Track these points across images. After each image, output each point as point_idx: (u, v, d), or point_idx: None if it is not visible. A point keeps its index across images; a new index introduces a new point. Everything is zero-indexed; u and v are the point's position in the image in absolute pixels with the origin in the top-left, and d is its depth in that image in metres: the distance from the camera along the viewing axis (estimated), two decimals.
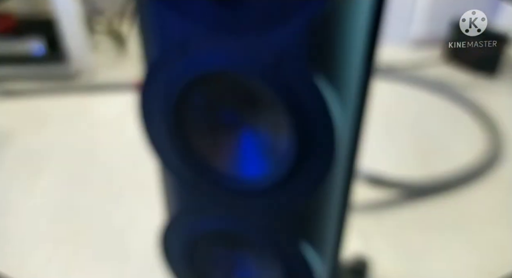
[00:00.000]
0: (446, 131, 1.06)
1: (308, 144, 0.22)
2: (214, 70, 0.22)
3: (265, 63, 0.21)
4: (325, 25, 0.20)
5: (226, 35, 0.21)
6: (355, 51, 0.22)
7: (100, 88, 1.25)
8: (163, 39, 0.23)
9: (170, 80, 0.23)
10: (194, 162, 0.25)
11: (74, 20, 1.20)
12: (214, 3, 0.20)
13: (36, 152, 0.96)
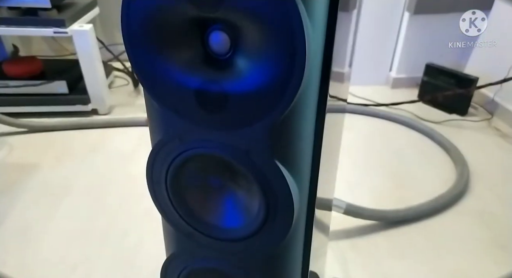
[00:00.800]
0: (419, 165, 1.12)
1: (273, 207, 0.28)
2: (203, 153, 0.28)
3: (238, 150, 0.27)
4: (282, 126, 0.26)
5: (211, 130, 0.27)
6: (306, 143, 0.28)
7: (116, 124, 1.32)
8: (166, 127, 0.29)
9: (170, 158, 0.29)
10: (189, 216, 0.31)
11: (94, 62, 1.28)
12: (203, 109, 0.27)
13: (57, 182, 1.02)
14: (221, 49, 0.26)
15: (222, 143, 0.27)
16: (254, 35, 0.23)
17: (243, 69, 0.25)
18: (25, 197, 0.95)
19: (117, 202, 0.95)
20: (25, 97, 1.30)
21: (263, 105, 0.25)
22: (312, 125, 0.28)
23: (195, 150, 0.28)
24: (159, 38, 0.24)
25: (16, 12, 1.17)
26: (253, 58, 0.24)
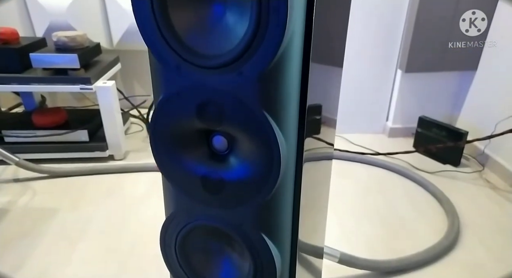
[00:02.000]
0: (413, 215, 1.16)
1: (260, 268, 0.35)
2: (205, 225, 0.36)
3: (233, 224, 0.35)
4: (267, 207, 0.34)
5: (212, 207, 0.35)
6: (287, 218, 0.36)
7: (130, 169, 1.41)
8: (177, 203, 0.37)
9: (179, 227, 0.37)
10: (192, 273, 0.38)
11: (114, 114, 1.40)
12: (207, 191, 0.35)
13: (73, 226, 1.09)
14: (221, 148, 0.34)
15: (221, 218, 0.35)
16: (244, 141, 0.32)
17: (236, 164, 0.33)
18: (44, 240, 1.02)
19: (129, 246, 1.01)
20: (49, 145, 1.41)
21: (251, 191, 0.33)
22: (291, 207, 0.35)
23: (199, 221, 0.36)
24: (176, 142, 0.33)
25: (49, 72, 1.32)
26: (243, 156, 0.33)
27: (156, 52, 0.30)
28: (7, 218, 1.11)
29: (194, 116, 0.32)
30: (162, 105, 0.32)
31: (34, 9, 1.65)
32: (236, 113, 0.30)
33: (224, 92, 0.30)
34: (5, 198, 1.21)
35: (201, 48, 0.30)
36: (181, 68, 0.31)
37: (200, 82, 0.30)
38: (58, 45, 1.34)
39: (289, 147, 0.32)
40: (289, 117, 0.32)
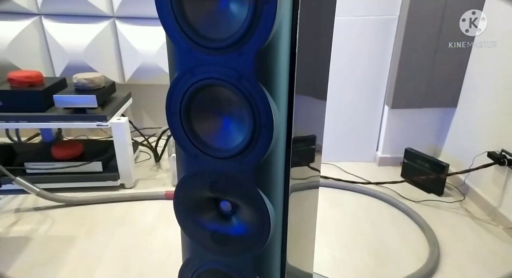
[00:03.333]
0: (398, 242, 1.25)
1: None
2: (214, 268, 0.46)
3: (235, 269, 0.45)
4: (262, 256, 0.45)
5: (220, 256, 0.46)
6: (277, 258, 0.46)
7: (139, 197, 1.51)
8: (192, 249, 0.48)
9: (192, 271, 0.47)
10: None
11: (126, 146, 1.51)
12: (215, 243, 0.45)
13: (90, 253, 1.18)
14: (227, 209, 0.45)
15: (226, 264, 0.46)
16: (243, 207, 0.43)
17: (238, 223, 0.44)
18: (64, 268, 1.11)
19: (140, 271, 1.10)
20: (66, 176, 1.52)
21: (249, 244, 0.44)
22: (279, 253, 0.46)
23: (209, 266, 0.46)
24: (194, 206, 0.44)
25: (69, 111, 1.44)
26: (243, 218, 0.44)
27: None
28: (30, 245, 1.21)
29: (207, 190, 0.43)
30: (183, 182, 0.44)
31: (54, 50, 1.80)
32: (237, 190, 0.41)
33: (229, 175, 0.41)
34: (27, 227, 1.30)
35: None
36: (198, 156, 0.42)
37: (212, 166, 0.41)
38: (77, 86, 1.47)
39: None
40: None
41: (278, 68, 0.37)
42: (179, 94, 0.39)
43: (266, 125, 0.38)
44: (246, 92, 0.37)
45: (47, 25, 1.76)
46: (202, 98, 0.40)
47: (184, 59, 0.39)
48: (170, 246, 1.22)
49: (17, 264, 1.12)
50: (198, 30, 0.37)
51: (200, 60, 0.38)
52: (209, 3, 0.36)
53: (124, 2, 1.72)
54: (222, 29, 0.36)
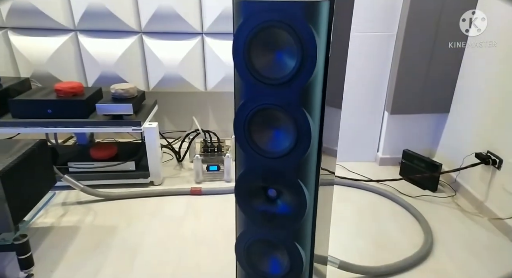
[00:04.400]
0: (397, 232, 1.41)
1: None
2: (263, 239, 0.62)
3: (279, 239, 0.61)
4: (301, 228, 0.61)
5: (268, 229, 0.62)
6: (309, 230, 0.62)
7: (168, 193, 1.67)
8: (246, 225, 0.64)
9: (245, 241, 0.63)
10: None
11: (156, 148, 1.68)
12: (264, 220, 0.61)
13: (131, 241, 1.34)
14: (273, 195, 0.61)
15: (272, 235, 0.61)
16: (286, 193, 0.59)
17: (281, 204, 0.60)
18: (111, 252, 1.27)
19: (176, 257, 1.26)
20: (103, 174, 1.68)
21: (290, 220, 0.60)
22: (310, 228, 0.62)
23: (259, 236, 0.62)
24: (249, 192, 0.60)
25: (107, 117, 1.60)
26: (285, 200, 0.60)
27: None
28: (80, 233, 1.37)
29: (260, 180, 0.59)
30: (242, 176, 0.60)
31: (88, 62, 1.97)
32: (283, 181, 0.57)
33: (277, 170, 0.57)
34: (74, 218, 1.47)
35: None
36: (254, 156, 0.58)
37: (264, 164, 0.58)
38: (115, 96, 1.64)
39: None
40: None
41: (314, 96, 0.53)
42: (244, 114, 0.56)
43: (305, 135, 0.54)
44: (292, 113, 0.54)
45: (82, 40, 1.93)
46: (260, 117, 0.56)
47: (249, 90, 0.55)
48: (200, 235, 1.38)
49: (71, 249, 1.28)
50: (260, 72, 0.53)
51: (260, 91, 0.54)
52: (270, 55, 0.53)
53: (151, 19, 1.89)
54: (278, 72, 0.52)
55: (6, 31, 1.89)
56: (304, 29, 0.47)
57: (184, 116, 2.24)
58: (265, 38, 0.50)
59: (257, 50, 0.52)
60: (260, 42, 0.51)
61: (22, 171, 1.09)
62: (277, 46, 0.51)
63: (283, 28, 0.48)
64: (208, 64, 2.04)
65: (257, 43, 0.51)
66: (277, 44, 0.51)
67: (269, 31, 0.50)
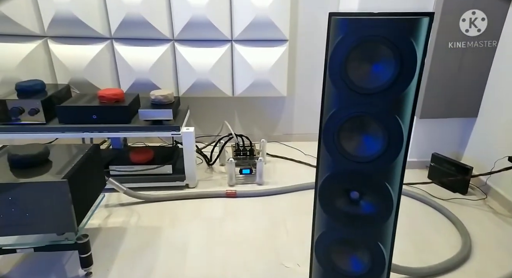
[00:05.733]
0: (433, 234, 1.42)
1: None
2: (346, 239, 0.65)
3: (361, 239, 0.64)
4: (381, 230, 0.64)
5: (352, 228, 0.65)
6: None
7: (204, 195, 1.70)
8: (327, 225, 0.67)
9: (327, 241, 0.66)
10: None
11: (192, 152, 1.71)
12: (347, 219, 0.64)
13: (177, 240, 1.37)
14: (355, 197, 0.64)
15: (354, 234, 0.64)
16: (370, 195, 0.62)
17: (365, 205, 0.63)
18: (160, 252, 1.31)
19: (223, 256, 1.29)
20: (142, 177, 1.72)
21: (374, 220, 0.63)
22: (392, 228, 0.65)
23: (340, 236, 0.65)
24: (333, 195, 0.64)
25: (148, 122, 1.65)
26: (369, 201, 0.63)
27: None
28: (127, 233, 1.41)
29: (346, 183, 0.62)
30: (328, 178, 0.63)
31: (123, 69, 2.02)
32: (370, 183, 0.60)
33: (364, 173, 0.60)
34: (119, 219, 1.51)
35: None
36: (341, 160, 0.61)
37: (350, 167, 0.61)
38: (155, 102, 1.68)
39: None
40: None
41: (407, 104, 0.57)
42: (335, 121, 0.59)
43: (398, 141, 0.57)
44: (384, 121, 0.57)
45: (118, 48, 1.98)
46: (350, 124, 0.59)
47: (342, 100, 0.58)
48: (241, 235, 1.41)
49: (122, 248, 1.32)
50: (355, 82, 0.57)
51: (352, 100, 0.58)
52: (366, 68, 0.56)
53: (184, 28, 1.94)
54: (373, 82, 0.56)
55: (46, 40, 1.95)
56: (405, 44, 0.51)
57: (210, 121, 2.28)
58: (362, 52, 0.54)
59: (353, 63, 0.55)
60: (357, 56, 0.54)
61: (82, 174, 1.14)
62: (373, 59, 0.54)
63: (383, 42, 0.52)
64: (236, 70, 2.08)
65: (354, 57, 0.55)
66: (374, 57, 0.54)
67: (367, 46, 0.53)
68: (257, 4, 1.90)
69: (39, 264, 1.21)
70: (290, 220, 1.51)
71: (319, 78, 2.25)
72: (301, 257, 1.29)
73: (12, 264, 1.21)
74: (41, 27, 1.91)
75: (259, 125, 2.33)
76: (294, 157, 2.10)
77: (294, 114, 2.33)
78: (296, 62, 2.19)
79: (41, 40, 1.93)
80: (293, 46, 2.14)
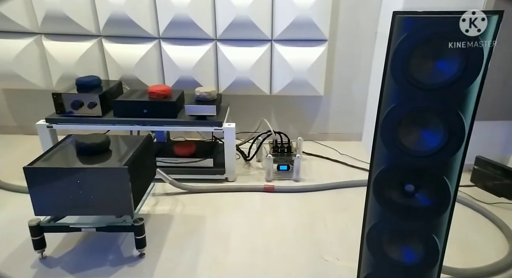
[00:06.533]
0: (478, 237, 1.38)
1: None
2: (397, 230, 0.67)
3: (414, 231, 0.66)
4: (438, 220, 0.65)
5: (401, 220, 0.66)
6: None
7: (244, 189, 1.75)
8: (379, 216, 0.69)
9: (381, 232, 0.69)
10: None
11: (232, 146, 1.77)
12: (403, 212, 0.66)
13: (220, 229, 1.43)
14: (409, 190, 0.66)
15: (407, 226, 0.66)
16: (426, 188, 0.63)
17: (420, 198, 0.65)
18: (206, 238, 1.38)
19: (264, 246, 1.33)
20: (185, 169, 1.81)
21: (430, 213, 0.64)
22: (446, 222, 0.66)
23: (394, 228, 0.67)
24: (387, 187, 0.66)
25: (192, 117, 1.72)
26: (424, 194, 0.64)
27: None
28: (174, 220, 1.49)
29: (401, 176, 0.64)
30: (383, 171, 0.66)
31: (169, 67, 2.11)
32: (426, 177, 0.61)
33: (420, 166, 0.62)
34: (166, 207, 1.59)
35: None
36: (396, 151, 0.63)
37: (406, 161, 0.63)
38: (199, 98, 1.76)
39: None
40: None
41: (470, 100, 0.58)
42: (395, 116, 0.61)
43: (459, 136, 0.59)
44: (446, 116, 0.59)
45: (165, 47, 2.08)
46: (409, 118, 0.61)
47: (402, 95, 0.61)
48: (281, 228, 1.45)
49: (170, 233, 1.40)
50: (417, 78, 0.59)
51: (412, 96, 0.60)
52: (429, 64, 0.58)
53: (227, 28, 2.00)
54: (436, 78, 0.58)
55: (100, 39, 2.09)
56: (473, 41, 0.52)
57: (247, 118, 2.33)
58: (426, 49, 0.56)
59: (416, 59, 0.57)
60: (421, 53, 0.56)
61: (139, 163, 1.22)
62: (437, 56, 0.56)
63: (451, 40, 0.53)
64: (275, 69, 2.12)
65: (417, 54, 0.57)
66: (438, 54, 0.56)
67: (432, 43, 0.55)
68: (299, 5, 1.92)
69: (98, 243, 1.32)
70: (328, 216, 1.53)
71: (356, 78, 2.24)
72: (340, 251, 1.31)
73: (75, 241, 1.33)
74: (96, 27, 2.05)
75: (295, 124, 2.36)
76: (329, 156, 2.11)
77: (330, 114, 2.34)
78: (334, 62, 2.19)
79: (96, 39, 2.08)
80: (332, 46, 2.15)
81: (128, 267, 1.20)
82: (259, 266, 1.23)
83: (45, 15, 1.96)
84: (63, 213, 1.15)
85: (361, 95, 2.27)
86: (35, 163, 1.09)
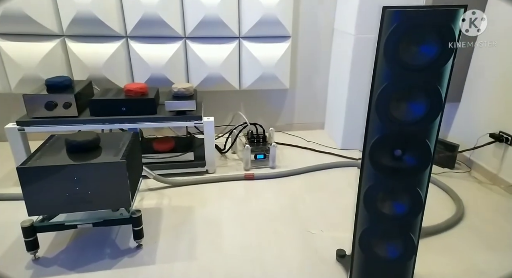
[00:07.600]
0: (432, 201, 1.60)
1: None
2: (388, 187, 0.79)
3: (403, 187, 0.78)
4: (419, 178, 0.77)
5: (392, 180, 0.78)
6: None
7: (224, 179, 1.80)
8: (373, 178, 0.80)
9: (376, 192, 0.80)
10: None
11: (211, 140, 1.80)
12: (392, 171, 0.78)
13: (211, 217, 1.47)
14: (397, 154, 0.78)
15: (397, 184, 0.78)
16: (412, 151, 0.76)
17: (407, 160, 0.77)
18: (198, 225, 1.40)
19: (255, 228, 1.40)
20: (166, 164, 1.80)
21: (413, 172, 0.77)
22: (427, 177, 0.79)
23: (385, 186, 0.79)
24: (381, 152, 0.77)
25: (172, 113, 1.73)
26: (411, 156, 0.77)
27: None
28: (163, 212, 1.49)
29: (392, 142, 0.75)
30: (378, 140, 0.76)
31: (138, 65, 2.07)
32: (413, 141, 0.73)
33: (408, 133, 0.74)
34: (152, 201, 1.58)
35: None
36: (389, 124, 0.74)
37: (396, 130, 0.74)
38: (177, 94, 1.76)
39: None
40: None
41: (445, 77, 0.71)
42: (388, 92, 0.72)
43: (438, 106, 0.71)
44: (428, 90, 0.71)
45: (134, 45, 2.04)
46: (398, 93, 0.73)
47: (392, 75, 0.72)
48: (266, 210, 1.53)
49: (163, 224, 1.41)
50: (405, 60, 0.70)
51: (400, 75, 0.71)
52: (414, 49, 0.70)
53: (197, 26, 2.02)
54: (419, 60, 0.70)
55: (63, 39, 1.98)
56: (446, 29, 0.64)
57: (218, 113, 2.37)
58: (411, 37, 0.67)
59: (404, 45, 0.68)
60: (406, 40, 0.68)
61: (132, 157, 1.22)
62: (420, 41, 0.68)
63: (430, 28, 0.65)
64: (243, 65, 2.19)
65: (404, 41, 0.68)
66: (420, 40, 0.68)
67: (416, 31, 0.66)
68: (265, 4, 2.01)
69: (91, 240, 1.28)
70: (307, 196, 1.64)
71: (317, 72, 2.40)
72: (322, 224, 1.42)
73: (67, 240, 1.27)
74: (59, 26, 1.94)
75: (264, 117, 2.45)
76: (298, 144, 2.24)
77: (295, 106, 2.47)
78: (297, 57, 2.33)
79: (59, 39, 1.96)
80: (295, 42, 2.28)
81: (128, 258, 1.19)
82: (254, 244, 1.30)
83: (1, 15, 1.81)
84: (58, 211, 1.10)
85: (322, 87, 2.43)
86: (27, 163, 1.04)
